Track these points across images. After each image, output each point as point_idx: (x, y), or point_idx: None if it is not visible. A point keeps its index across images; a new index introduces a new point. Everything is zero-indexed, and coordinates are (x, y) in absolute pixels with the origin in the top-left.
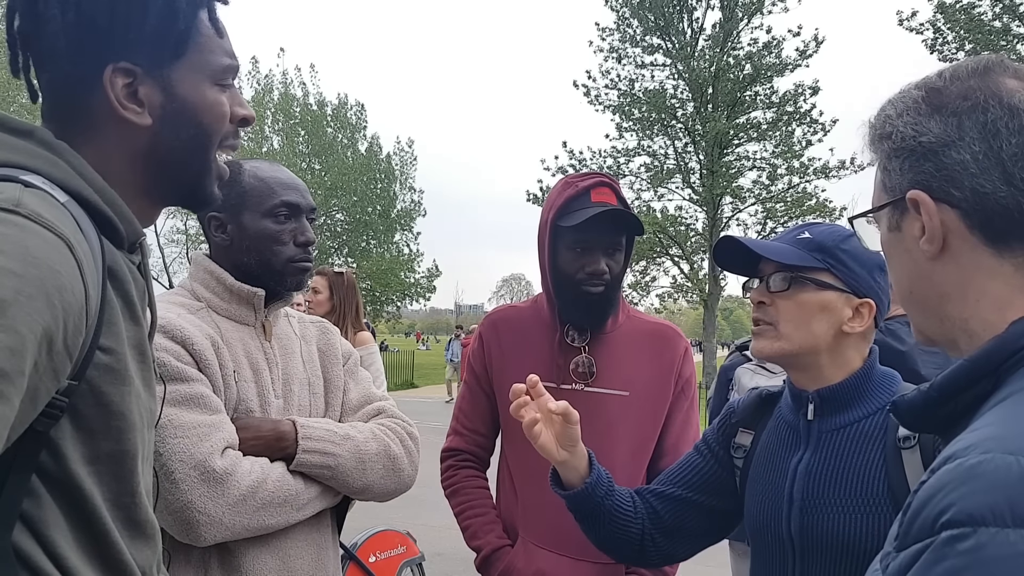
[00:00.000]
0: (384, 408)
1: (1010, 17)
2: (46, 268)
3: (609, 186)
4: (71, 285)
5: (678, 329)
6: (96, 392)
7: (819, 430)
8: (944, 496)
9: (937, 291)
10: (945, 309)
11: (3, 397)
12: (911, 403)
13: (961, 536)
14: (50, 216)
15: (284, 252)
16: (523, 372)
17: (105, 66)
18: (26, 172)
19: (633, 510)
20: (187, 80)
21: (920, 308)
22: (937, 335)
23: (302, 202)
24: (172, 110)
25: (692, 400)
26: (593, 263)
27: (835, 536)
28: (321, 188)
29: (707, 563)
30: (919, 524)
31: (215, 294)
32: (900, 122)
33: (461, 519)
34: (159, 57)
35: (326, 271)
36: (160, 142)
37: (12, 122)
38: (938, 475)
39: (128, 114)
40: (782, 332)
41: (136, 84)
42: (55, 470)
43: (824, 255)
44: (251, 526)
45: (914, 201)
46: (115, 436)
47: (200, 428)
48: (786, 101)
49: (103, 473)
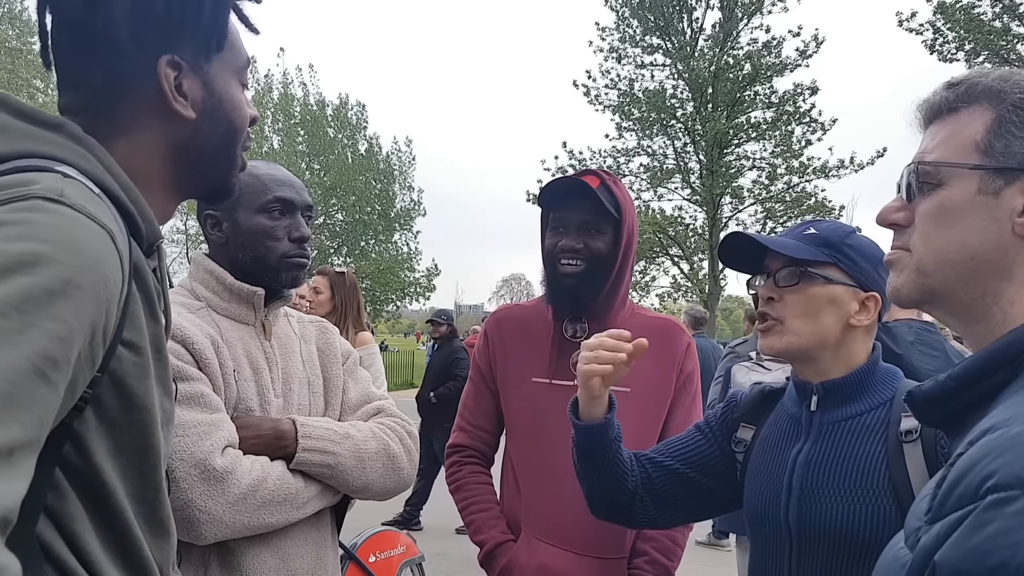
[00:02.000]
0: (383, 407)
1: (1010, 17)
2: (92, 258)
3: (598, 175)
4: (113, 276)
5: (681, 324)
6: (119, 384)
7: (821, 421)
8: (989, 463)
9: (1004, 267)
10: (1001, 286)
11: (52, 385)
12: (928, 392)
13: (1009, 499)
14: (92, 207)
15: (278, 248)
16: (525, 370)
17: (160, 57)
18: (59, 163)
19: (631, 467)
20: (221, 75)
21: (967, 275)
22: (963, 303)
23: (296, 198)
24: (211, 105)
25: (694, 395)
26: (566, 239)
27: (833, 526)
28: (320, 188)
29: (707, 563)
30: (959, 492)
31: (215, 293)
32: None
33: (465, 514)
34: (205, 51)
35: (327, 271)
36: (198, 136)
37: (41, 115)
38: (979, 445)
39: (177, 106)
40: (791, 327)
41: (181, 77)
42: (79, 464)
43: (831, 250)
44: (251, 525)
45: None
46: (139, 430)
47: (200, 427)
48: (785, 101)
49: (127, 468)
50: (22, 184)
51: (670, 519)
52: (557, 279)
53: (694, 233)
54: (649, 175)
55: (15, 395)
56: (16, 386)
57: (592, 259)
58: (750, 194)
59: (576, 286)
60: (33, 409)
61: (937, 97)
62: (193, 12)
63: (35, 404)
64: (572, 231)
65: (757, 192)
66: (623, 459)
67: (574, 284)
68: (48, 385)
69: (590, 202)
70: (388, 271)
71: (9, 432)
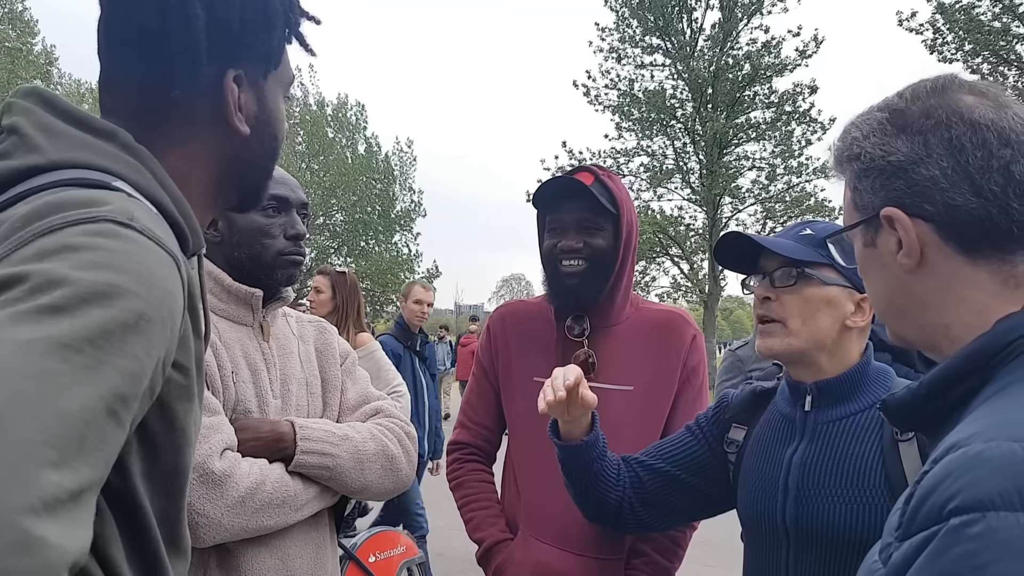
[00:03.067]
0: (382, 408)
1: (1010, 17)
2: (164, 291)
3: (591, 172)
4: (179, 306)
5: (688, 316)
6: (165, 408)
7: (815, 421)
8: (951, 483)
9: (917, 301)
10: (925, 317)
11: (121, 424)
12: (901, 401)
13: (971, 521)
14: (160, 232)
15: (274, 245)
16: (525, 367)
17: (227, 71)
18: (114, 178)
19: (616, 479)
20: (273, 91)
21: (899, 317)
22: (917, 340)
23: (291, 196)
24: (262, 120)
25: (699, 389)
26: (565, 239)
27: (829, 526)
28: (320, 188)
29: (707, 563)
30: (924, 512)
31: (213, 294)
32: (868, 143)
33: (464, 512)
34: (264, 67)
35: (328, 271)
36: (247, 151)
37: (93, 121)
38: (942, 464)
39: (236, 121)
40: (790, 328)
41: (241, 92)
42: (119, 485)
43: (827, 251)
44: (250, 527)
45: (888, 217)
46: (174, 452)
47: (199, 430)
48: (785, 101)
49: (158, 491)
50: (90, 204)
51: (661, 523)
52: (559, 280)
53: (694, 233)
54: (649, 175)
55: (88, 437)
56: (90, 427)
57: (593, 257)
58: (750, 194)
59: (578, 285)
60: (104, 450)
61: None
62: (263, 30)
63: (105, 444)
64: (570, 230)
65: (757, 192)
66: (608, 471)
67: (577, 284)
68: (118, 425)
69: (586, 200)
70: (388, 272)
71: (81, 476)
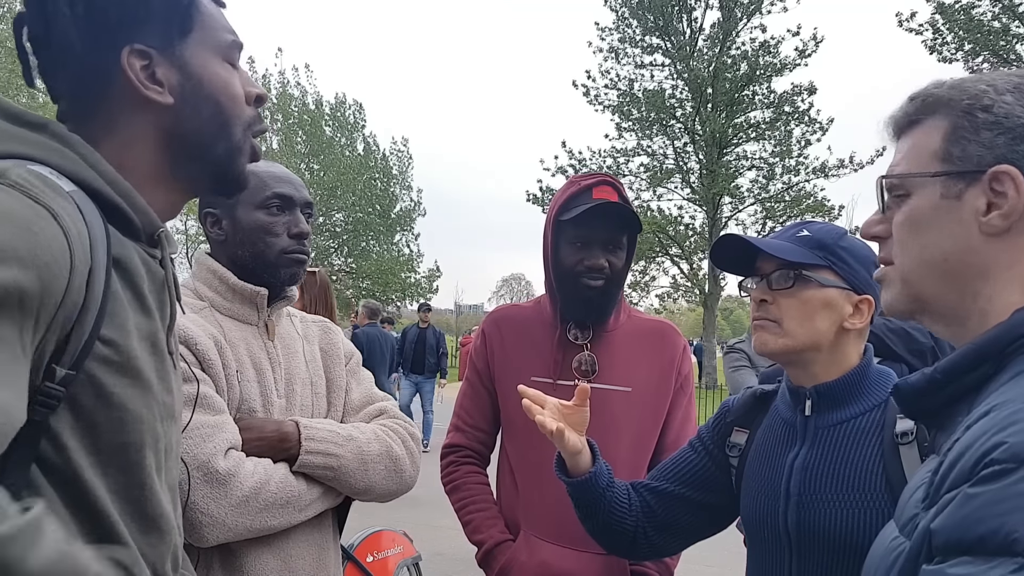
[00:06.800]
0: (386, 408)
1: (1010, 17)
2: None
3: (611, 185)
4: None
5: (676, 327)
6: (96, 384)
7: (816, 426)
8: (988, 439)
9: (979, 266)
10: (977, 285)
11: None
12: (914, 386)
13: (1004, 472)
14: (38, 190)
15: (277, 244)
16: (524, 369)
17: (120, 51)
18: (33, 163)
19: (628, 505)
20: (198, 56)
21: (943, 277)
22: (945, 306)
23: (295, 195)
24: (190, 88)
25: (690, 396)
26: (592, 257)
27: (832, 530)
28: (320, 188)
29: (707, 563)
30: (957, 472)
31: (218, 293)
32: (1005, 99)
33: (462, 514)
34: (168, 35)
35: None
36: (182, 121)
37: (27, 116)
38: (976, 427)
39: (151, 94)
40: (787, 329)
41: (153, 65)
42: (57, 460)
43: (825, 252)
44: (254, 527)
45: (996, 175)
46: (116, 427)
47: (203, 429)
48: (784, 100)
49: (107, 464)
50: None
51: (674, 545)
52: (579, 293)
53: (694, 233)
54: (649, 175)
55: None
56: None
57: (613, 275)
58: (749, 194)
59: (601, 301)
60: None
61: (901, 112)
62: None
63: None
64: (595, 248)
65: (756, 192)
66: (620, 500)
67: (596, 297)
68: None
69: (614, 220)
70: (389, 272)
71: None
